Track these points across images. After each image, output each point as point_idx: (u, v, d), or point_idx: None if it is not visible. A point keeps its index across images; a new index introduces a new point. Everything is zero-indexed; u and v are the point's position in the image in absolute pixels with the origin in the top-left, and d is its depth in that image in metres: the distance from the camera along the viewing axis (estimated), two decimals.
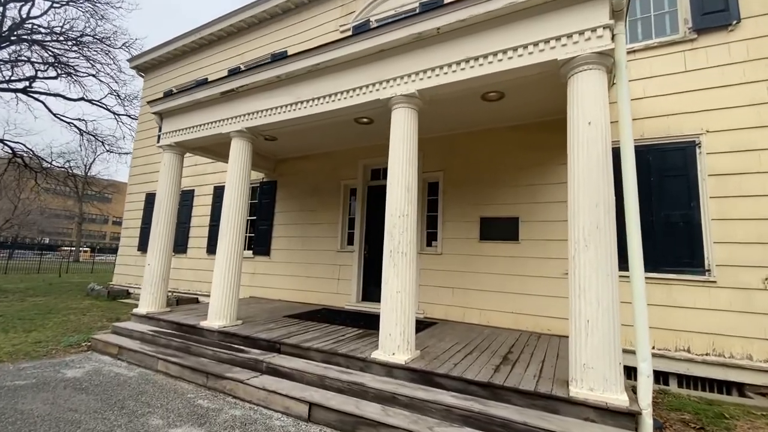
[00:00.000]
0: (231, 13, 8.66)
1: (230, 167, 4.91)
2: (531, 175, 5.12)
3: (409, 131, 3.68)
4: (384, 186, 6.64)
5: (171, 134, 5.73)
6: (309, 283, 6.77)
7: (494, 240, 5.23)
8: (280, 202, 7.44)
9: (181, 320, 4.89)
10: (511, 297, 5.00)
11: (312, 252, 6.85)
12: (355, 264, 6.35)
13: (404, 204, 3.55)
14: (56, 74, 12.02)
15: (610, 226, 2.73)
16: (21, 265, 19.66)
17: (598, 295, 2.63)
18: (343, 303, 6.31)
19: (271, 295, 7.14)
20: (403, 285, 3.43)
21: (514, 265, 5.05)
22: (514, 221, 5.13)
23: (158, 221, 5.61)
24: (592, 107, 2.85)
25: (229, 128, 5.00)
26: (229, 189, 4.86)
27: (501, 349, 3.93)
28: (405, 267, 3.46)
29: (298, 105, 4.42)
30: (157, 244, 5.54)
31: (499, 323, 5.02)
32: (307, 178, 7.17)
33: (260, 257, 7.44)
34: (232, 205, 4.82)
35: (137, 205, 10.01)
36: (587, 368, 2.61)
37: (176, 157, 5.79)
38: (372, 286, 6.31)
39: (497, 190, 5.32)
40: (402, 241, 3.49)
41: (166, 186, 5.67)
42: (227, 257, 4.70)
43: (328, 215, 6.80)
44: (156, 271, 5.49)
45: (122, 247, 10.23)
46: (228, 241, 4.74)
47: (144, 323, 5.25)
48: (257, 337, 4.13)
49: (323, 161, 7.03)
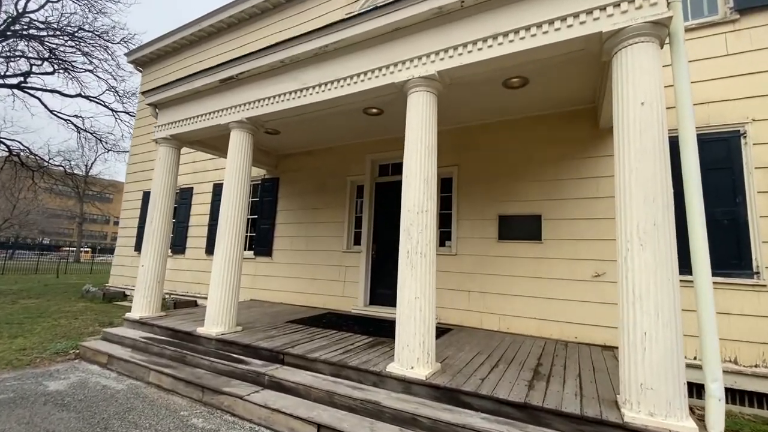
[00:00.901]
0: (231, 3, 8.29)
1: (229, 161, 4.54)
2: (555, 170, 4.73)
3: (429, 117, 3.30)
4: (393, 182, 6.39)
5: (166, 126, 5.37)
6: (313, 285, 6.39)
7: (514, 240, 4.84)
8: (283, 199, 7.07)
9: (176, 326, 4.51)
10: (534, 302, 4.61)
11: (316, 252, 6.48)
12: (362, 265, 5.97)
13: (423, 199, 3.17)
14: (53, 69, 11.71)
15: (669, 223, 2.34)
16: (19, 265, 19.38)
17: (657, 303, 2.24)
18: (350, 307, 5.93)
19: (273, 298, 6.77)
20: (423, 290, 3.05)
21: (537, 266, 4.66)
22: (537, 219, 4.74)
23: (153, 219, 5.25)
24: (646, 85, 2.46)
25: (228, 119, 4.63)
26: (228, 185, 4.49)
27: (529, 360, 3.54)
28: (424, 270, 3.07)
29: (303, 92, 4.04)
30: (151, 244, 5.18)
31: (521, 330, 4.63)
32: (312, 175, 6.80)
33: (262, 258, 7.07)
34: (231, 202, 4.44)
35: (134, 203, 9.66)
36: (645, 389, 2.22)
37: (172, 151, 5.42)
38: (381, 289, 5.93)
39: (517, 186, 4.93)
40: (421, 241, 3.11)
41: (161, 182, 5.31)
42: (226, 258, 4.32)
43: (333, 214, 6.42)
44: (150, 273, 5.12)
45: (119, 247, 9.88)
46: (227, 240, 4.36)
47: (137, 329, 4.88)
48: (258, 346, 3.75)
49: (328, 156, 6.65)
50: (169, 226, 5.41)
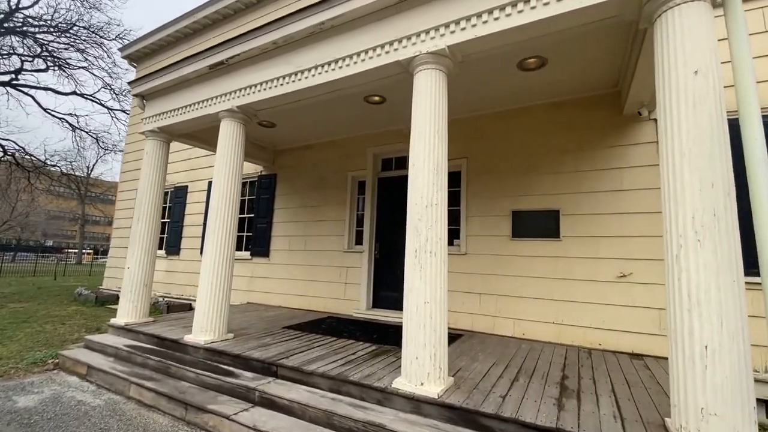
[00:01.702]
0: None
1: (219, 154, 4.18)
2: (574, 161, 4.34)
3: (438, 98, 2.92)
4: (397, 177, 6.02)
5: (154, 118, 5.01)
6: (312, 287, 6.02)
7: (529, 237, 4.45)
8: (281, 197, 6.70)
9: (162, 333, 4.15)
10: (552, 305, 4.22)
11: (316, 253, 6.10)
12: (364, 266, 5.60)
13: (433, 190, 2.79)
14: (46, 66, 11.42)
15: (732, 213, 1.95)
16: (17, 267, 19.13)
17: (721, 310, 1.85)
18: (351, 310, 5.55)
19: (271, 300, 6.40)
20: (433, 294, 2.66)
21: (555, 266, 4.26)
22: (554, 215, 4.35)
23: (139, 218, 4.89)
24: (699, 51, 2.07)
25: (217, 108, 4.27)
26: (218, 179, 4.12)
27: (552, 372, 3.15)
28: (435, 271, 2.69)
29: (298, 76, 3.67)
30: (137, 245, 4.82)
31: (538, 336, 4.24)
32: (310, 171, 6.43)
33: (258, 259, 6.71)
34: (221, 197, 4.08)
35: (129, 203, 9.31)
36: (708, 415, 1.83)
37: (160, 145, 5.06)
38: (384, 291, 5.55)
39: (532, 179, 4.53)
40: (430, 238, 2.73)
41: (149, 177, 4.95)
42: (215, 259, 3.96)
43: (333, 211, 6.05)
44: (137, 276, 4.76)
45: (113, 248, 9.55)
46: (216, 240, 4.00)
47: (122, 336, 4.52)
48: (250, 357, 3.38)
49: (328, 151, 6.28)
50: (157, 225, 5.06)
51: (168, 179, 8.48)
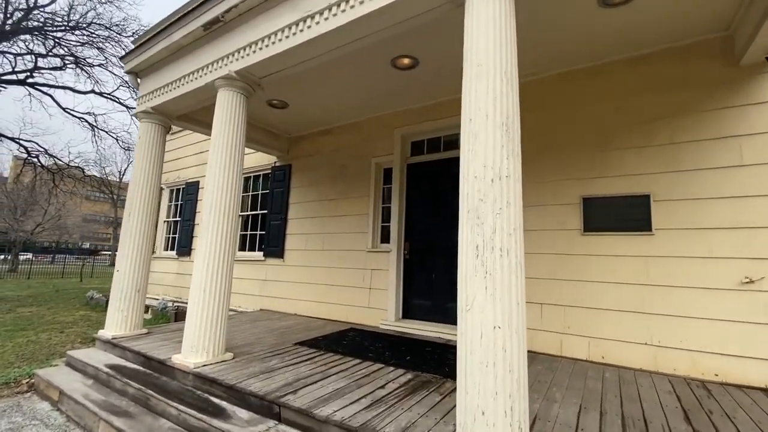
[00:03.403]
0: None
1: (215, 133, 3.40)
2: (669, 129, 3.30)
3: (507, 24, 2.00)
4: (431, 163, 4.76)
5: (147, 97, 4.33)
6: (332, 293, 5.19)
7: (608, 231, 3.43)
8: (296, 190, 5.92)
9: (150, 351, 3.41)
10: (643, 320, 3.19)
11: (335, 253, 5.27)
12: (392, 268, 4.71)
13: (501, 155, 1.87)
14: (63, 64, 11.23)
15: None
16: (47, 269, 19.46)
17: None
18: (378, 321, 4.68)
19: (286, 307, 5.63)
20: (507, 315, 1.74)
21: (646, 269, 3.24)
22: (642, 201, 3.32)
23: (131, 213, 4.20)
24: None
25: (213, 75, 3.50)
26: (214, 164, 3.35)
27: (674, 422, 2.16)
28: (508, 280, 1.77)
29: (307, 22, 2.83)
30: (129, 244, 4.13)
31: (624, 360, 3.22)
32: (329, 159, 5.61)
33: (272, 260, 5.95)
34: (218, 186, 3.30)
35: None
36: None
37: (156, 129, 4.37)
38: (416, 299, 4.65)
39: (610, 156, 3.52)
40: (500, 229, 1.81)
41: (143, 166, 4.27)
42: (211, 262, 3.18)
43: (355, 205, 5.21)
44: (127, 280, 4.07)
45: None
46: (212, 238, 3.22)
47: (108, 351, 3.84)
48: (247, 390, 2.56)
49: (349, 135, 5.45)
50: (152, 221, 4.36)
51: (179, 175, 7.93)
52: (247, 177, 6.70)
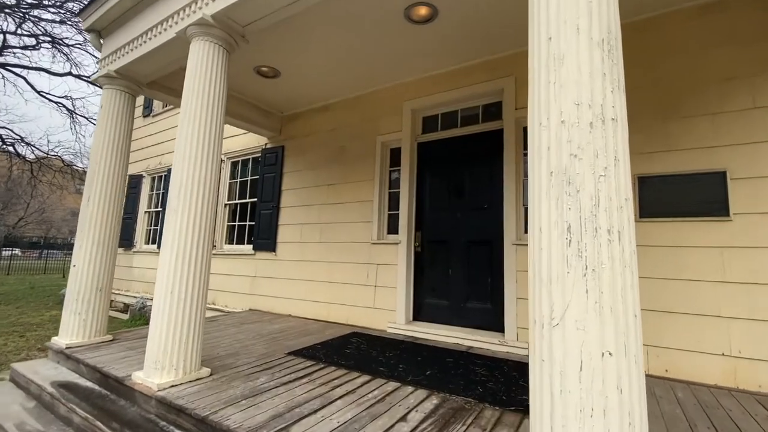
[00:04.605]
0: None
1: (188, 91, 2.72)
2: (749, 91, 2.68)
3: None
4: (445, 141, 4.06)
5: (111, 58, 3.62)
6: (331, 291, 4.54)
7: (670, 216, 2.82)
8: (290, 175, 5.24)
9: (108, 366, 2.75)
10: (719, 326, 2.59)
11: (335, 245, 4.62)
12: (401, 263, 4.07)
13: (602, 88, 1.22)
14: (36, 43, 10.35)
15: None
16: (30, 265, 18.55)
17: None
18: (384, 323, 4.04)
19: (279, 307, 4.97)
20: (623, 333, 1.11)
21: (722, 262, 2.63)
22: (715, 180, 2.71)
23: (90, 197, 3.51)
24: None
25: (186, 22, 2.81)
26: (187, 132, 2.67)
27: None
28: (621, 277, 1.14)
29: None
30: (88, 234, 3.45)
31: (695, 375, 2.62)
32: (327, 139, 4.93)
33: (263, 254, 5.28)
34: (190, 160, 2.63)
35: None
36: None
37: (122, 97, 3.67)
38: (429, 298, 4.02)
39: (672, 126, 2.89)
40: (606, 198, 1.17)
41: (106, 142, 3.56)
42: (180, 257, 2.51)
43: (357, 190, 4.55)
44: (86, 277, 3.39)
45: None
46: (182, 226, 2.55)
47: (60, 364, 3.16)
48: (222, 426, 1.91)
49: (350, 111, 4.77)
50: (118, 208, 3.69)
51: (160, 161, 7.20)
52: (234, 161, 6.01)
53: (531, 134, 1.35)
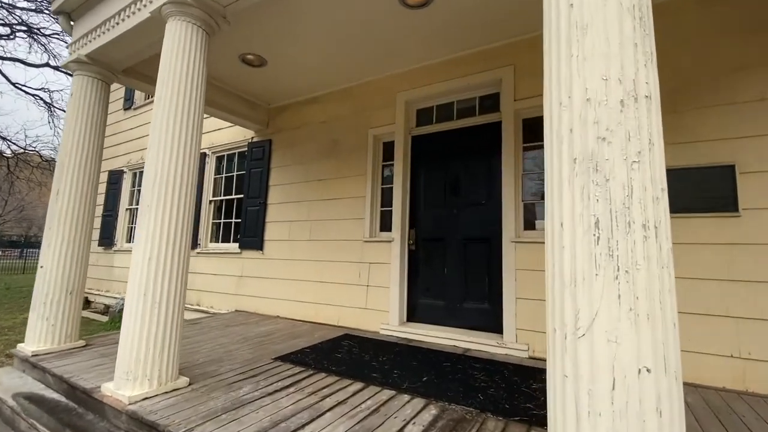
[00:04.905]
0: None
1: (163, 74, 2.49)
2: (761, 80, 2.56)
3: None
4: (440, 134, 3.86)
5: (82, 42, 3.35)
6: (321, 291, 4.35)
7: (675, 212, 2.70)
8: (277, 170, 5.02)
9: (75, 377, 2.52)
10: (728, 327, 2.48)
11: (325, 244, 4.42)
12: (394, 261, 3.90)
13: (634, 60, 1.06)
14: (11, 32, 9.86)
15: None
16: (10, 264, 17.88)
17: None
18: (377, 325, 3.87)
19: (266, 308, 4.76)
20: (662, 345, 0.95)
21: (731, 260, 2.52)
22: (724, 174, 2.59)
23: (60, 192, 3.26)
24: None
25: (160, 0, 2.58)
26: (162, 119, 2.44)
27: None
28: (658, 281, 0.98)
29: None
30: (57, 232, 3.20)
31: (702, 378, 2.51)
32: (317, 132, 4.73)
33: (249, 252, 5.05)
34: (166, 150, 2.41)
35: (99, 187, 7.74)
36: None
37: (95, 85, 3.41)
38: (423, 298, 3.86)
39: (681, 117, 2.77)
40: (640, 188, 1.01)
41: (77, 132, 3.31)
42: (155, 256, 2.30)
43: (349, 186, 4.35)
44: (55, 279, 3.14)
45: None
46: (156, 222, 2.33)
47: (26, 373, 2.92)
48: None
49: (341, 103, 4.57)
50: (92, 203, 3.44)
51: (143, 155, 6.88)
52: (219, 156, 5.76)
53: (548, 116, 1.19)
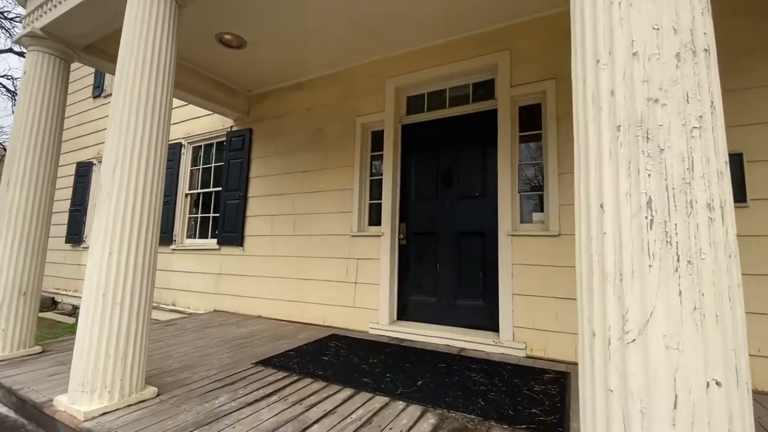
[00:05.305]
0: None
1: (124, 47, 2.20)
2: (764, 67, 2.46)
3: None
4: (433, 122, 3.64)
5: (36, 14, 3.00)
6: (306, 289, 4.11)
7: None
8: (259, 161, 4.73)
9: (25, 388, 2.22)
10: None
11: (310, 239, 4.18)
12: (384, 257, 3.69)
13: (689, 7, 0.87)
14: None
15: None
16: None
17: None
18: (366, 324, 3.66)
19: (247, 308, 4.48)
20: (732, 352, 0.77)
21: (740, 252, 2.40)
22: (733, 162, 2.48)
23: (12, 182, 2.91)
24: None
25: None
26: (124, 96, 2.16)
27: None
28: (726, 274, 0.80)
29: None
30: (8, 227, 2.85)
31: None
32: (301, 120, 4.46)
33: (228, 249, 4.76)
34: (129, 131, 2.13)
35: (66, 180, 7.25)
36: None
37: (52, 63, 3.06)
38: (415, 295, 3.67)
39: None
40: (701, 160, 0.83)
41: (31, 114, 2.96)
42: (116, 251, 2.02)
43: (335, 178, 4.11)
44: (5, 279, 2.80)
45: None
46: (116, 214, 2.05)
47: None
48: None
49: (327, 89, 4.32)
50: (50, 195, 3.10)
51: None
52: (196, 146, 5.42)
53: (579, 79, 0.99)
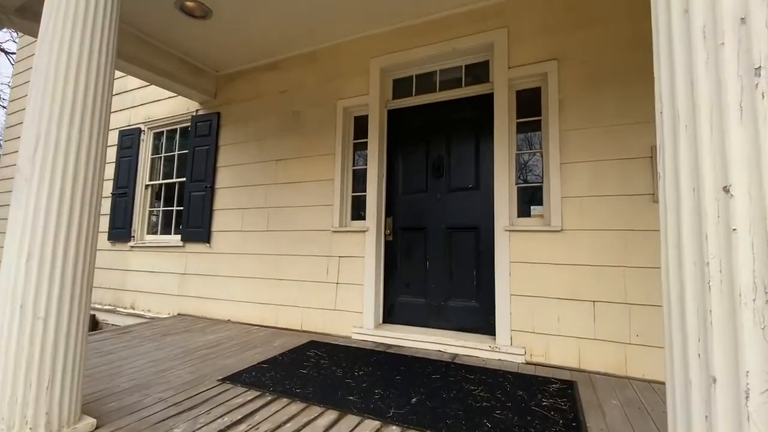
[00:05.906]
0: None
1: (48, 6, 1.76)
2: None
3: None
4: (421, 107, 3.28)
5: None
6: (282, 290, 3.73)
7: None
8: (227, 148, 4.28)
9: None
10: None
11: (286, 234, 3.79)
12: (369, 255, 3.36)
13: None
14: None
15: None
16: None
17: None
18: (349, 328, 3.33)
19: (215, 311, 4.05)
20: None
21: None
22: None
23: None
24: None
25: None
26: (51, 54, 1.72)
27: None
28: None
29: None
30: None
31: None
32: (276, 104, 4.04)
33: (194, 246, 4.29)
34: (55, 101, 1.69)
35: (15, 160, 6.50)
36: None
37: None
38: (403, 296, 3.37)
39: None
40: None
41: None
42: (37, 250, 1.60)
43: (314, 167, 3.74)
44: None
45: None
46: (38, 203, 1.63)
47: None
48: None
49: (304, 69, 3.92)
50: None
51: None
52: (157, 132, 4.88)
53: (678, 10, 0.70)
